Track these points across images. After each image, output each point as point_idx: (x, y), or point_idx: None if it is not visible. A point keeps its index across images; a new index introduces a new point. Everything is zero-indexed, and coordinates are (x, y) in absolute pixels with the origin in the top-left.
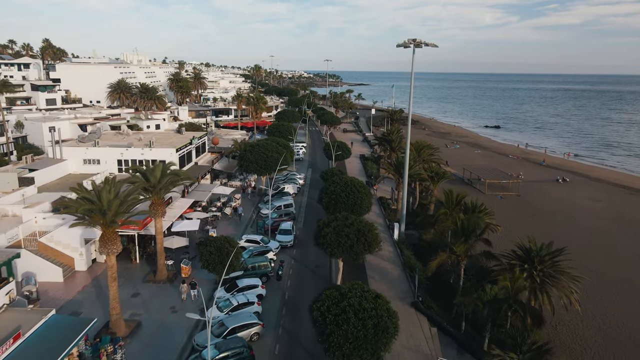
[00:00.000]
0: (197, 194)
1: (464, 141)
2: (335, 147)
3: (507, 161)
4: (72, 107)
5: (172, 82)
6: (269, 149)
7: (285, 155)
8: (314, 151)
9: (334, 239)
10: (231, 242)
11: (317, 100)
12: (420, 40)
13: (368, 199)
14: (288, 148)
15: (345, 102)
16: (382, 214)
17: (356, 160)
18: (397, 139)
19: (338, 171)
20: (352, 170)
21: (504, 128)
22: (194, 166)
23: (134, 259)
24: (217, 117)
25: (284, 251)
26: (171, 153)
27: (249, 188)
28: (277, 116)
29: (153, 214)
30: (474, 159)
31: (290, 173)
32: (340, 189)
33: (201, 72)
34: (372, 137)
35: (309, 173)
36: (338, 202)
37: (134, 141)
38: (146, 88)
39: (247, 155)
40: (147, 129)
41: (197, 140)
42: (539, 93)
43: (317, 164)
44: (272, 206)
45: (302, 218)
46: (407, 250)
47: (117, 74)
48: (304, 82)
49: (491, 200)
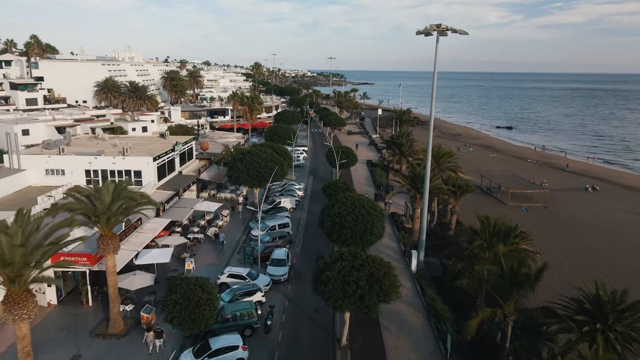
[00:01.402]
0: (176, 211)
1: (477, 143)
2: (339, 153)
3: (526, 166)
4: (54, 107)
5: (165, 81)
6: (262, 157)
7: (282, 164)
8: (315, 156)
9: (338, 287)
10: (205, 286)
11: (320, 100)
12: (445, 26)
13: (380, 222)
14: (286, 155)
15: (350, 102)
16: (395, 236)
17: (362, 167)
18: (408, 142)
19: (343, 184)
20: (359, 178)
21: (517, 129)
22: (178, 176)
23: (85, 302)
24: (212, 118)
25: (276, 288)
26: (147, 162)
27: (238, 205)
28: (276, 117)
29: (102, 249)
30: (490, 163)
31: (288, 183)
32: (346, 210)
33: (199, 71)
34: (378, 140)
35: (310, 182)
36: (343, 228)
37: (109, 147)
38: (135, 87)
39: (237, 164)
40: (132, 131)
41: (181, 146)
42: (546, 92)
43: (320, 171)
44: (265, 226)
45: (300, 241)
46: (430, 290)
47: (105, 72)
48: (307, 81)
49: (515, 213)
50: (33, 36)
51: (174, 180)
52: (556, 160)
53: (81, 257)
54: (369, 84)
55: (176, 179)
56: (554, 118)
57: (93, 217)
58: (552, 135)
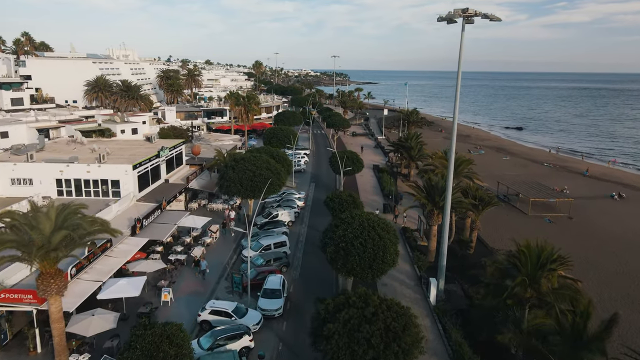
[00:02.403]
0: (156, 228)
1: (488, 145)
2: (344, 159)
3: (543, 171)
4: (41, 107)
5: (161, 80)
6: (257, 165)
7: (280, 172)
8: (318, 160)
9: (344, 345)
10: (174, 338)
11: (323, 100)
12: (474, 10)
13: (393, 246)
14: (284, 161)
15: (354, 102)
16: (408, 257)
17: (369, 172)
18: (417, 145)
19: (348, 197)
20: (365, 186)
21: (527, 129)
22: (163, 185)
23: (32, 348)
24: (209, 118)
25: (269, 325)
26: (126, 171)
27: (229, 221)
28: (276, 118)
29: (42, 290)
30: (504, 167)
31: (287, 191)
32: (353, 233)
33: (199, 70)
34: (385, 142)
35: (312, 190)
36: (349, 254)
37: (87, 153)
38: (128, 86)
39: (229, 172)
40: (121, 134)
41: (167, 151)
42: (553, 92)
43: (322, 177)
44: (258, 246)
45: (299, 262)
46: (455, 332)
47: (96, 70)
48: (310, 80)
49: (538, 225)
50: (25, 33)
51: (158, 190)
52: (574, 163)
53: (26, 294)
54: (373, 83)
55: (161, 189)
56: (563, 118)
57: (28, 252)
58: (563, 136)
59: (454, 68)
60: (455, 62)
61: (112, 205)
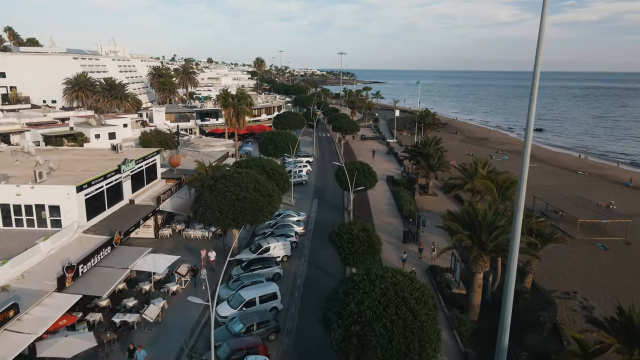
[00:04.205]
0: (99, 276)
1: (509, 149)
2: (354, 173)
3: (578, 180)
4: (14, 108)
5: (153, 78)
6: (242, 185)
7: (272, 194)
8: (323, 169)
9: None
10: None
11: (329, 100)
12: None
13: (434, 328)
14: (280, 176)
15: (362, 102)
16: (443, 315)
17: (382, 185)
18: (436, 152)
19: (362, 232)
20: (378, 203)
21: (547, 131)
22: (127, 207)
23: None
24: (203, 120)
25: None
26: (68, 194)
27: (202, 267)
28: (275, 121)
29: None
30: (533, 176)
31: (284, 212)
32: (372, 310)
33: (190, 66)
34: (396, 145)
35: (314, 207)
36: (367, 344)
37: (29, 168)
38: (111, 84)
39: (205, 195)
40: (95, 139)
41: (131, 164)
42: (566, 91)
43: (327, 191)
44: (238, 301)
45: (294, 324)
46: None
47: (77, 67)
48: (316, 79)
49: (590, 252)
50: (8, 28)
51: (118, 216)
52: (611, 171)
53: None
54: (380, 82)
55: (123, 213)
56: (583, 119)
57: None
58: (588, 138)
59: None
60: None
61: (40, 243)
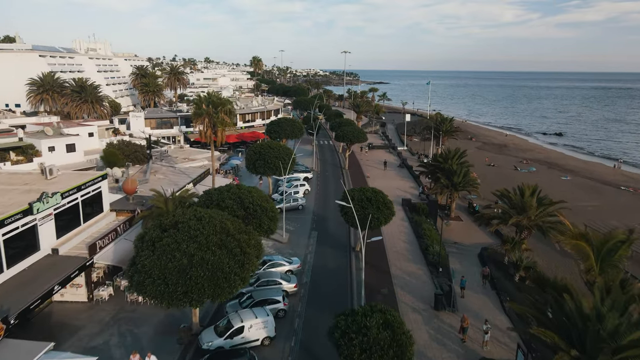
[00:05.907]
0: None
1: (533, 158)
2: (365, 204)
3: (625, 198)
4: None
5: (136, 79)
6: (199, 241)
7: (247, 252)
8: (324, 188)
9: None
10: None
11: (332, 101)
12: None
13: None
14: (264, 214)
15: (369, 105)
16: None
17: (399, 213)
18: (461, 168)
19: (384, 332)
20: (395, 241)
21: (567, 136)
22: (46, 260)
23: None
24: (188, 127)
25: None
26: None
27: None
28: (269, 129)
29: None
30: (569, 193)
31: (270, 259)
32: None
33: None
34: (408, 154)
35: (312, 247)
36: None
37: None
38: (82, 85)
39: (142, 257)
40: (49, 152)
41: (54, 200)
42: (576, 92)
43: (330, 222)
44: None
45: None
46: None
47: (44, 66)
48: (318, 80)
49: None
50: None
51: (23, 279)
52: None
53: None
54: (385, 83)
55: (34, 274)
56: (600, 123)
57: None
58: (614, 145)
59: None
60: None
61: None
